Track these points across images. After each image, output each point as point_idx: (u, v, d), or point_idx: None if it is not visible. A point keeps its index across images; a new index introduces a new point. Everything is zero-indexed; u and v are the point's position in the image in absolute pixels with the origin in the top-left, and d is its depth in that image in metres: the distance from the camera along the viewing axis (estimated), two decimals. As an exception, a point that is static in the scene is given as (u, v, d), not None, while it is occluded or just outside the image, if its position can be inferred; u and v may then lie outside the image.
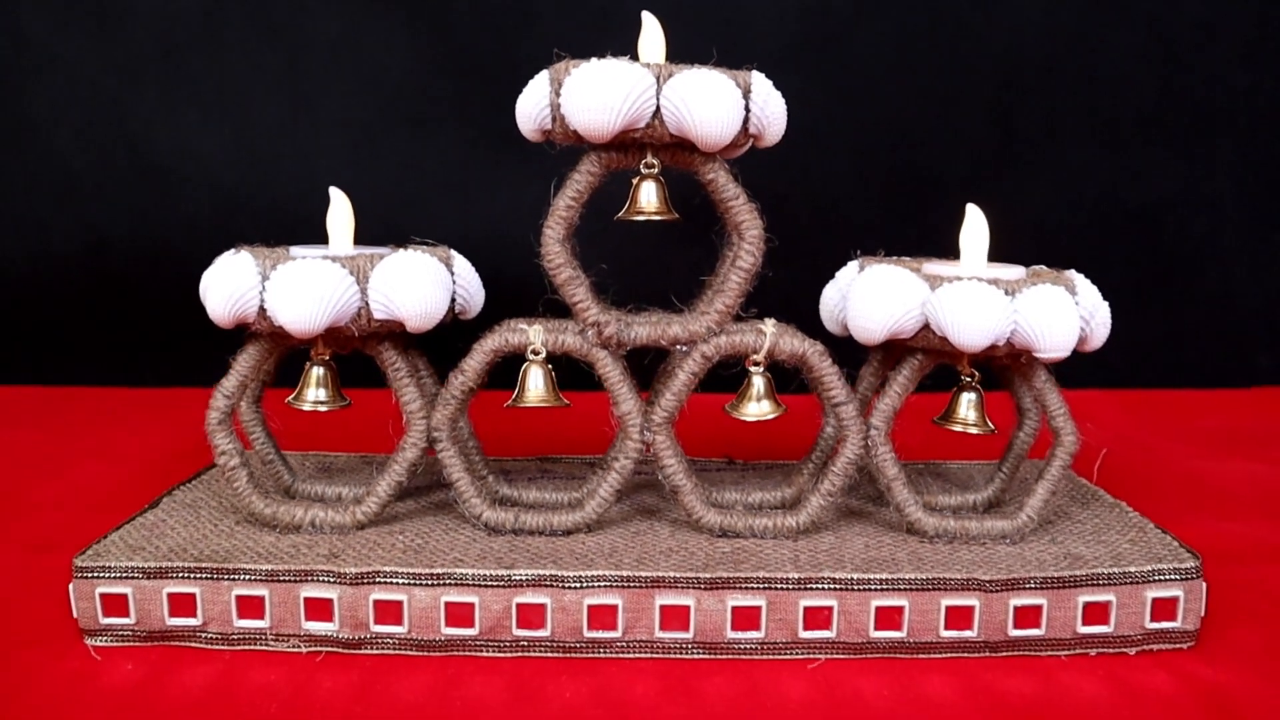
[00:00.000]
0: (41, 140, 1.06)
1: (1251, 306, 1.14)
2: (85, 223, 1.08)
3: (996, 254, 0.61)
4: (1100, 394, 1.09)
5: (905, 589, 0.53)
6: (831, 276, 0.64)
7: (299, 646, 0.53)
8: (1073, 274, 0.58)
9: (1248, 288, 1.14)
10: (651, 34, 0.58)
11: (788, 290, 0.64)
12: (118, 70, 1.05)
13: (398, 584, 0.53)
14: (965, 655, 0.54)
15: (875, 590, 0.53)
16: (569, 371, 0.59)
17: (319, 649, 0.53)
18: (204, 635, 0.54)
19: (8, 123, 1.06)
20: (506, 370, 0.59)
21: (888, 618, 0.53)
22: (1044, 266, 0.61)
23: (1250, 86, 1.10)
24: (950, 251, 0.62)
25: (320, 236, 0.61)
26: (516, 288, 0.63)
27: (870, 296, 0.57)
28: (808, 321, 0.60)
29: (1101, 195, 1.11)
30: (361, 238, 0.61)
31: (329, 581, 0.53)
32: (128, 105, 1.06)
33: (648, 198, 0.58)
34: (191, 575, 0.53)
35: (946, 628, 0.53)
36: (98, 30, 1.04)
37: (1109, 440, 0.89)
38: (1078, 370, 0.66)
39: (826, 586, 0.53)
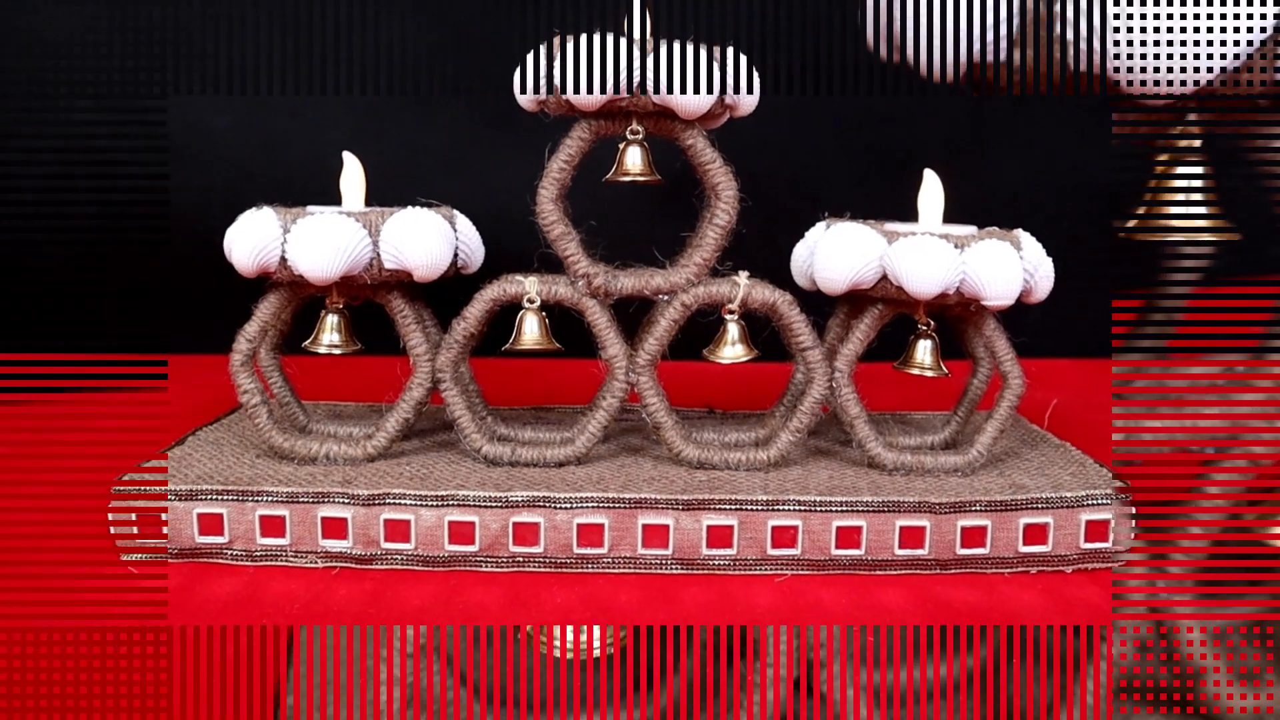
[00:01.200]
0: (58, 116, 1.12)
1: (1213, 281, 1.20)
2: (100, 196, 1.13)
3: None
4: (1066, 363, 1.14)
5: (863, 510, 0.59)
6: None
7: (316, 562, 0.59)
8: (1019, 232, 0.64)
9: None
10: (640, 13, 0.64)
11: (768, 263, 0.69)
12: (132, 47, 1.10)
13: (406, 505, 0.59)
14: (917, 572, 0.60)
15: (836, 511, 0.59)
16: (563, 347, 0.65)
17: (334, 564, 0.59)
18: (229, 552, 0.59)
19: (27, 99, 1.11)
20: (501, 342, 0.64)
21: (847, 537, 0.59)
22: (996, 228, 0.67)
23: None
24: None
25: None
26: (513, 259, 0.68)
27: (834, 250, 0.62)
28: (783, 287, 0.66)
29: (1072, 171, 1.16)
30: (368, 205, 0.66)
31: (343, 503, 0.59)
32: (142, 82, 1.11)
33: (633, 161, 0.63)
34: (219, 497, 0.59)
35: (900, 547, 0.59)
36: (113, 7, 1.10)
37: (1067, 400, 0.94)
38: (1045, 340, 0.71)
39: (792, 508, 0.59)
